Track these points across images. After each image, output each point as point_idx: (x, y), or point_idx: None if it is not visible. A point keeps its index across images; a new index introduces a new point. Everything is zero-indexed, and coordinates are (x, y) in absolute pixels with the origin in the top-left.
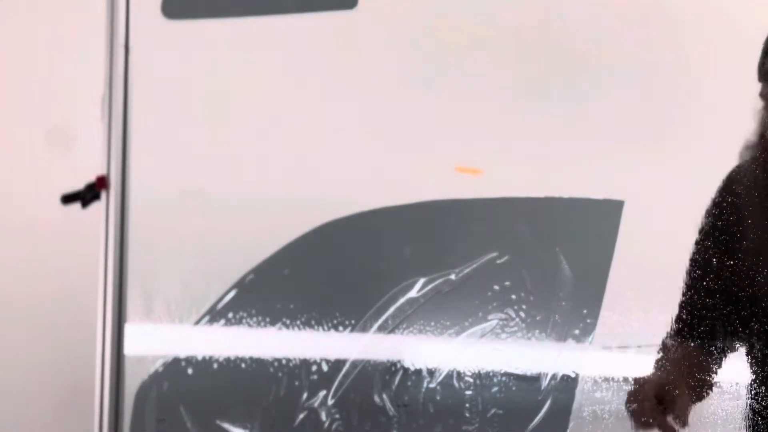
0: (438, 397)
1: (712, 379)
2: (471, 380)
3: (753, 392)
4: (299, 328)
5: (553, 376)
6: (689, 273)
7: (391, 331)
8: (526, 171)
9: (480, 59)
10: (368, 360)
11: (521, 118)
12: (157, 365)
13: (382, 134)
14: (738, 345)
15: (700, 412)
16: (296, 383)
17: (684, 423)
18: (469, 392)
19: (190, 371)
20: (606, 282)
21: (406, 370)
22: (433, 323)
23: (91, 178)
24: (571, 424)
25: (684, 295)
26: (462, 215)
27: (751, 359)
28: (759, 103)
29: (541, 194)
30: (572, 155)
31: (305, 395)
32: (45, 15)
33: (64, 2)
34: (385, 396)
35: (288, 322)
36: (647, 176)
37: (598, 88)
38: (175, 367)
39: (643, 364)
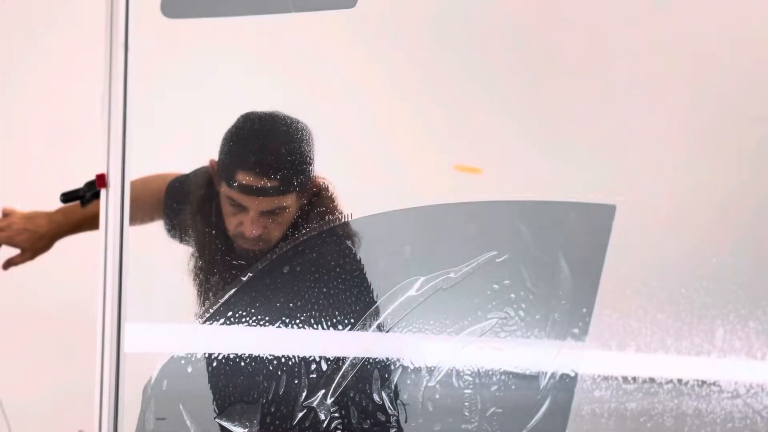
0: (437, 396)
1: None
2: (470, 379)
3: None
4: (298, 327)
5: (552, 375)
6: None
7: (391, 329)
8: (525, 173)
9: (479, 60)
10: (368, 358)
11: (521, 117)
12: (157, 364)
13: (382, 133)
14: None
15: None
16: (295, 382)
17: None
18: (468, 391)
19: (189, 370)
20: (599, 281)
21: (405, 368)
22: (432, 321)
23: (90, 176)
24: (570, 423)
25: None
26: (461, 215)
27: None
28: (749, 111)
29: (540, 197)
30: (568, 160)
31: (304, 394)
32: (45, 15)
33: (64, 2)
34: (384, 394)
35: (287, 320)
36: (640, 181)
37: (596, 91)
38: (174, 366)
39: (642, 363)
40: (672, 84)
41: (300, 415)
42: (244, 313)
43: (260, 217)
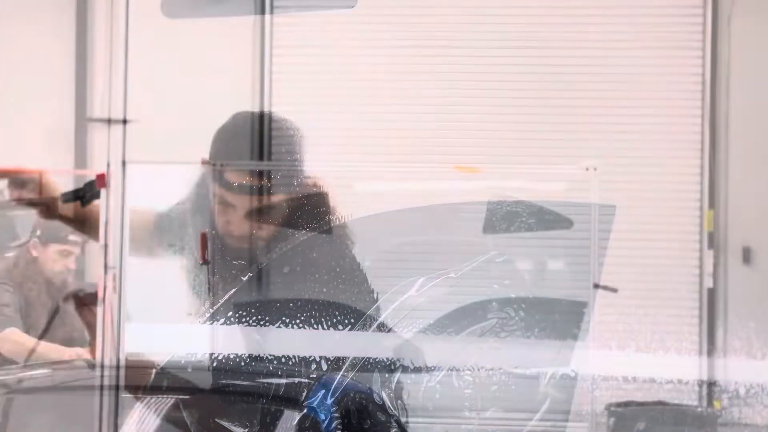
0: (437, 396)
1: None
2: (470, 379)
3: None
4: (298, 327)
5: (552, 375)
6: None
7: (391, 329)
8: (525, 173)
9: (480, 60)
10: (368, 358)
11: (521, 117)
12: (158, 365)
13: (382, 134)
14: None
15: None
16: (296, 381)
17: None
18: (468, 391)
19: (189, 370)
20: (599, 282)
21: (405, 368)
22: (432, 322)
23: (90, 176)
24: (570, 423)
25: None
26: (461, 215)
27: None
28: (752, 112)
29: (539, 197)
30: (568, 160)
31: (304, 394)
32: (45, 15)
33: (64, 2)
34: (384, 394)
35: (287, 320)
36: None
37: (596, 94)
38: (174, 366)
39: (642, 363)
40: (673, 85)
41: (300, 415)
42: (244, 313)
43: (249, 215)
